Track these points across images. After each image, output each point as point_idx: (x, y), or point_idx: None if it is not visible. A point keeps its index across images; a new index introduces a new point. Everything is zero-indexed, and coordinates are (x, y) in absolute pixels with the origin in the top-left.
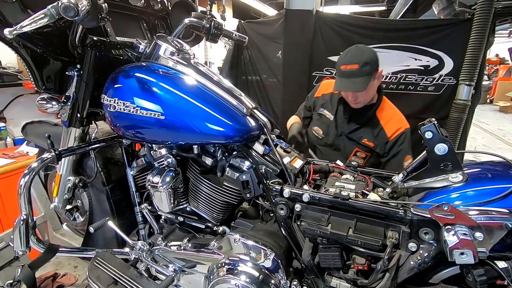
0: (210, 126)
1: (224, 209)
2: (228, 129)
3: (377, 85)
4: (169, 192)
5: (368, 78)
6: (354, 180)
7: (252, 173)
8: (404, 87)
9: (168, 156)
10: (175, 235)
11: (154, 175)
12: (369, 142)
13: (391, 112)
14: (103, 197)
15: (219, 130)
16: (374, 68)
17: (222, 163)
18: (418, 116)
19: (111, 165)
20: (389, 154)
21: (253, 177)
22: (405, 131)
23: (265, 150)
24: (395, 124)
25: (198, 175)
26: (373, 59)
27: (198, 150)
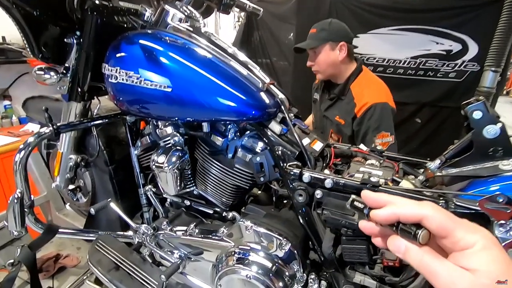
0: (222, 101)
1: (234, 193)
2: (242, 104)
3: (340, 58)
4: (175, 173)
5: (320, 42)
6: (380, 166)
7: (267, 154)
8: (423, 73)
9: (175, 135)
10: (181, 220)
11: (159, 155)
12: (340, 119)
13: (366, 85)
14: (106, 177)
15: (232, 106)
16: (332, 37)
17: (234, 143)
18: (437, 104)
19: (114, 144)
20: (359, 135)
21: (268, 159)
22: (373, 106)
23: (282, 129)
24: (364, 98)
25: (207, 156)
26: (334, 29)
27: (208, 128)
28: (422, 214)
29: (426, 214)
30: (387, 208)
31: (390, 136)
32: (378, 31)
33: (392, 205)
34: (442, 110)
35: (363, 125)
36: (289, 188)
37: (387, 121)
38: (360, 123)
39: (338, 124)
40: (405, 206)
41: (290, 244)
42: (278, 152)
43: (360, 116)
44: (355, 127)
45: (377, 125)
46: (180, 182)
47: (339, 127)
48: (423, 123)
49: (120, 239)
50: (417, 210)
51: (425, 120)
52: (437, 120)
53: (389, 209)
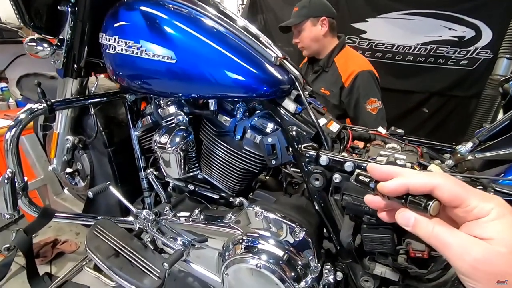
0: (231, 75)
1: (242, 177)
2: (253, 79)
3: (322, 33)
4: (179, 155)
5: (301, 18)
6: (402, 150)
7: (280, 135)
8: (433, 60)
9: (179, 114)
10: (185, 205)
11: (161, 135)
12: (325, 90)
13: (350, 57)
14: (105, 160)
15: (242, 81)
16: (312, 13)
17: (243, 123)
18: (446, 93)
19: (113, 124)
20: (350, 104)
21: (280, 140)
22: (360, 74)
23: (296, 108)
24: (350, 68)
25: (213, 137)
26: (314, 5)
27: (215, 107)
28: (433, 183)
29: (438, 183)
30: (396, 180)
31: (377, 101)
32: (389, 15)
33: (400, 176)
34: (451, 100)
35: (353, 94)
36: (304, 171)
37: (374, 87)
38: (350, 92)
39: (323, 96)
40: (415, 176)
41: (304, 232)
42: (292, 132)
43: (348, 86)
44: (345, 98)
45: (366, 93)
46: (184, 165)
47: (325, 98)
48: (431, 112)
49: (120, 224)
50: (428, 179)
51: (433, 110)
52: (446, 110)
53: (398, 180)
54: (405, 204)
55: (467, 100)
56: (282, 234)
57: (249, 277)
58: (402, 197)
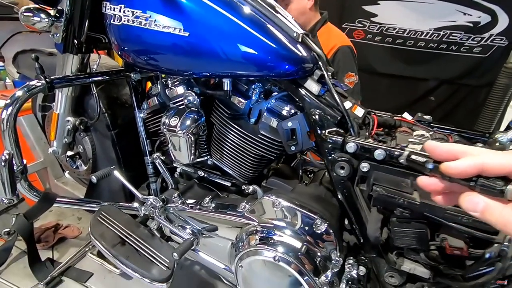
0: (249, 51)
1: (256, 164)
2: (274, 56)
3: (308, 6)
4: (190, 139)
5: None
6: (432, 138)
7: (301, 119)
8: (446, 46)
9: (189, 94)
10: (194, 193)
11: (170, 117)
12: None
13: (332, 32)
14: (108, 143)
15: (261, 58)
16: None
17: (259, 106)
18: (456, 81)
19: (116, 105)
20: None
21: (301, 124)
22: (340, 48)
23: (320, 90)
24: (332, 41)
25: (226, 120)
26: None
27: (229, 87)
28: None
29: None
30: (466, 159)
31: (355, 76)
32: None
33: (470, 156)
34: (461, 89)
35: (333, 67)
36: (328, 159)
37: (353, 62)
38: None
39: None
40: (490, 156)
41: (326, 224)
42: (315, 116)
43: (329, 60)
44: None
45: (345, 67)
46: (194, 150)
47: None
48: (440, 101)
49: (124, 210)
50: (507, 160)
51: (442, 99)
52: (455, 99)
53: (469, 160)
54: (473, 187)
55: (478, 89)
56: (301, 225)
57: (265, 270)
58: (471, 179)
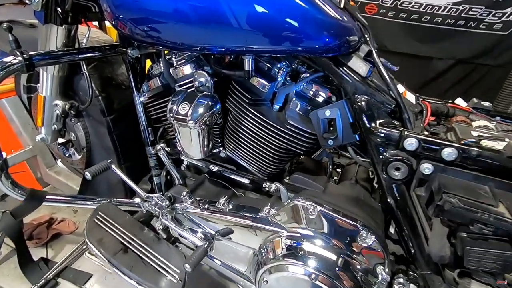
0: (276, 17)
1: (279, 159)
2: (310, 25)
3: None
4: (203, 130)
5: None
6: (498, 130)
7: (344, 107)
8: (464, 23)
9: (201, 75)
10: (205, 190)
11: (179, 103)
12: None
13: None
14: (103, 130)
15: (293, 27)
16: None
17: (285, 89)
18: (473, 61)
19: (112, 87)
20: None
21: (343, 114)
22: None
23: (368, 70)
24: None
25: (245, 106)
26: None
27: (250, 66)
28: None
29: None
30: None
31: None
32: None
33: None
34: (478, 68)
35: None
36: (378, 158)
37: None
38: None
39: None
40: None
41: (373, 236)
42: (361, 103)
43: None
44: None
45: None
46: (208, 143)
47: None
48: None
49: (124, 207)
50: None
51: (456, 79)
52: (470, 79)
53: None
54: None
55: (495, 69)
56: (342, 236)
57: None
58: None
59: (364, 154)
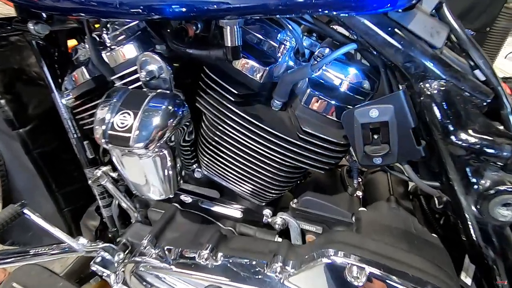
0: None
1: (285, 181)
2: None
3: None
4: (165, 157)
5: None
6: None
7: (402, 101)
8: None
9: (151, 59)
10: (177, 230)
11: (114, 112)
12: None
13: None
14: (17, 146)
15: None
16: None
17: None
18: None
19: (22, 85)
20: None
21: (401, 113)
22: None
23: (444, 36)
24: None
25: (228, 107)
26: None
27: (234, 39)
28: None
29: None
30: None
31: None
32: None
33: None
34: None
35: None
36: (471, 187)
37: None
38: None
39: None
40: None
41: None
42: (434, 95)
43: None
44: None
45: None
46: (176, 174)
47: None
48: None
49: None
50: None
51: None
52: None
53: None
54: None
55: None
56: None
57: None
58: None
59: (421, 174)
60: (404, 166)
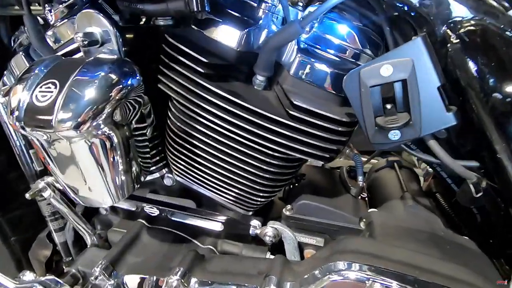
0: None
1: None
2: None
3: None
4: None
5: None
6: None
7: (423, 51)
8: None
9: (92, 18)
10: (142, 252)
11: (34, 83)
12: None
13: None
14: None
15: None
16: None
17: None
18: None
19: None
20: None
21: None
22: None
23: None
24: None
25: (199, 83)
26: None
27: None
28: None
29: None
30: None
31: None
32: None
33: None
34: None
35: None
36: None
37: None
38: None
39: None
40: None
41: None
42: (464, 40)
43: None
44: None
45: None
46: (130, 168)
47: None
48: None
49: None
50: None
51: None
52: None
53: None
54: None
55: None
56: None
57: None
58: None
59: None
60: (429, 142)
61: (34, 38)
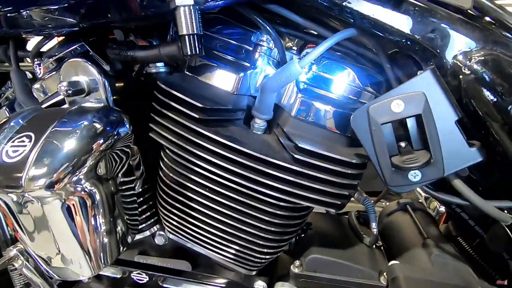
0: None
1: (283, 232)
2: None
3: None
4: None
5: None
6: None
7: (435, 83)
8: None
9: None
10: None
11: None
12: None
13: None
14: None
15: None
16: None
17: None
18: None
19: None
20: None
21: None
22: None
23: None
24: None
25: (193, 129)
26: None
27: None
28: None
29: None
30: None
31: None
32: None
33: None
34: None
35: None
36: None
37: None
38: None
39: None
40: None
41: None
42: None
43: None
44: None
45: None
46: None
47: None
48: None
49: None
50: None
51: None
52: None
53: None
54: None
55: None
56: None
57: None
58: None
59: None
60: (454, 182)
61: (19, 91)
